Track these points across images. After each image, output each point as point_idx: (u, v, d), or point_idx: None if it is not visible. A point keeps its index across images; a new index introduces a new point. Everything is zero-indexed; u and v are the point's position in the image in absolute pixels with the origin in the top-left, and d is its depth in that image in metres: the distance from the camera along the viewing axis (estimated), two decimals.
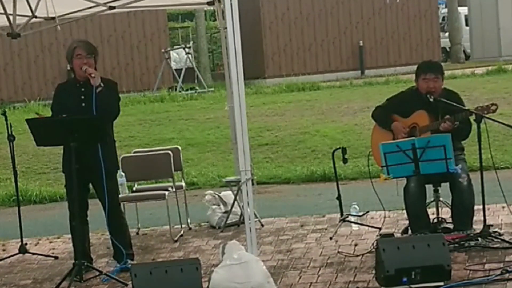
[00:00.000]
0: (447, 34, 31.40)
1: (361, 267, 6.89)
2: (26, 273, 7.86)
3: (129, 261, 7.43)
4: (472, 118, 7.26)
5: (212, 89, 23.64)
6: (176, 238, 8.69)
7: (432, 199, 7.64)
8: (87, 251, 7.56)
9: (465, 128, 7.43)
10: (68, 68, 8.11)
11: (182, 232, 8.97)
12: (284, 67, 26.40)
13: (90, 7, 9.01)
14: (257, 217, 8.73)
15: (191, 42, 27.86)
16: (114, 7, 9.06)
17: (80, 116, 7.20)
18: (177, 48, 27.20)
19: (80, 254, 7.23)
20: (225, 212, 9.15)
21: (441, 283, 6.02)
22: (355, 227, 8.29)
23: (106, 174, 7.27)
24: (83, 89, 7.37)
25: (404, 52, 27.54)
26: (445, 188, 7.49)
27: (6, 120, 8.28)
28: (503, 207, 8.31)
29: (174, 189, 8.94)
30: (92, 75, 7.22)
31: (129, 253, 7.57)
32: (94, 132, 7.13)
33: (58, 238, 9.28)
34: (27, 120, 7.19)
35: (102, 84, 7.25)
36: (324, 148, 14.21)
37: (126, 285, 6.87)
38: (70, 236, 7.67)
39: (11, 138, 8.26)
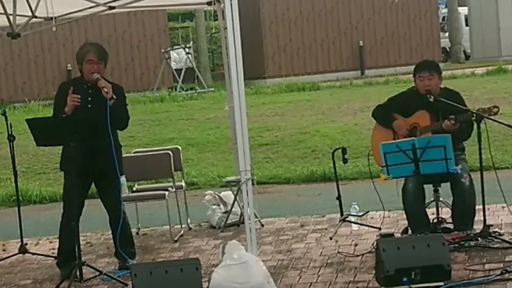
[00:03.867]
0: (447, 34, 31.41)
1: (361, 267, 6.88)
2: (26, 273, 7.85)
3: (130, 261, 7.43)
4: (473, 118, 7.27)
5: (212, 89, 23.63)
6: (176, 238, 8.68)
7: (432, 199, 7.64)
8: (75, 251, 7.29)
9: (467, 129, 7.42)
10: (69, 67, 8.11)
11: (182, 232, 8.97)
12: (284, 67, 26.38)
13: (90, 7, 9.01)
14: (257, 217, 8.73)
15: (191, 42, 27.84)
16: (114, 7, 9.05)
17: (80, 116, 7.19)
18: (177, 48, 27.19)
19: (72, 253, 7.16)
20: (225, 212, 9.14)
21: (441, 283, 6.02)
22: (355, 227, 8.28)
23: (116, 176, 7.32)
24: (90, 91, 7.38)
25: (404, 52, 27.52)
26: (445, 188, 7.49)
27: (6, 120, 8.27)
28: (503, 207, 8.30)
29: (174, 189, 8.94)
30: (105, 90, 7.21)
31: (130, 251, 7.59)
32: (94, 132, 7.12)
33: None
34: (27, 120, 7.18)
35: (114, 96, 7.24)
36: (324, 148, 14.20)
37: (126, 285, 6.87)
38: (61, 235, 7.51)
39: (11, 138, 8.24)
